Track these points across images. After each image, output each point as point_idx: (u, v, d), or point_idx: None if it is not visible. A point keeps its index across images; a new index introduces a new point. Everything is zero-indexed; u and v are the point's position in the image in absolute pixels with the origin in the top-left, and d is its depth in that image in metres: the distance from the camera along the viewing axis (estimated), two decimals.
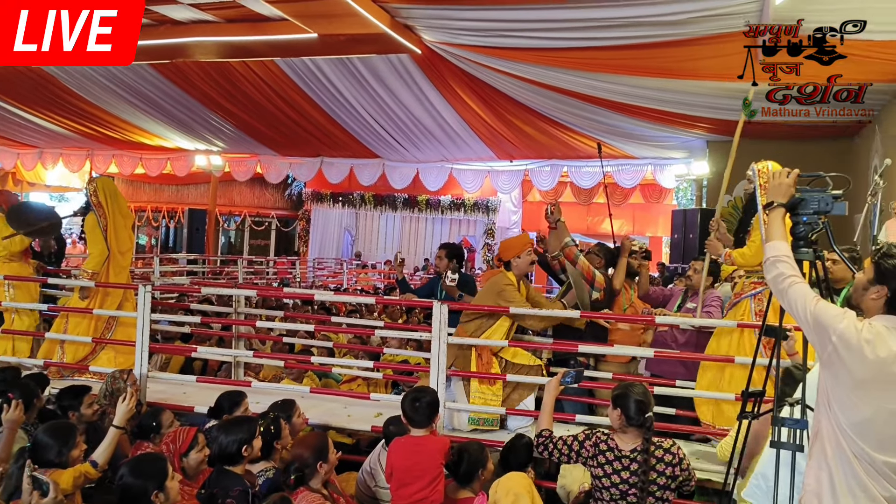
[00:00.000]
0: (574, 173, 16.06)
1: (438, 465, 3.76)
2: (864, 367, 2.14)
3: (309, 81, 12.31)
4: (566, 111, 12.47)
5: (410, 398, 3.90)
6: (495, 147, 15.20)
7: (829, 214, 2.67)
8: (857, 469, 2.16)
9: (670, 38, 9.04)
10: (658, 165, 15.34)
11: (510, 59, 10.36)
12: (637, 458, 3.23)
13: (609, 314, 4.80)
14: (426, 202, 18.56)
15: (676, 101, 11.21)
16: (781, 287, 2.41)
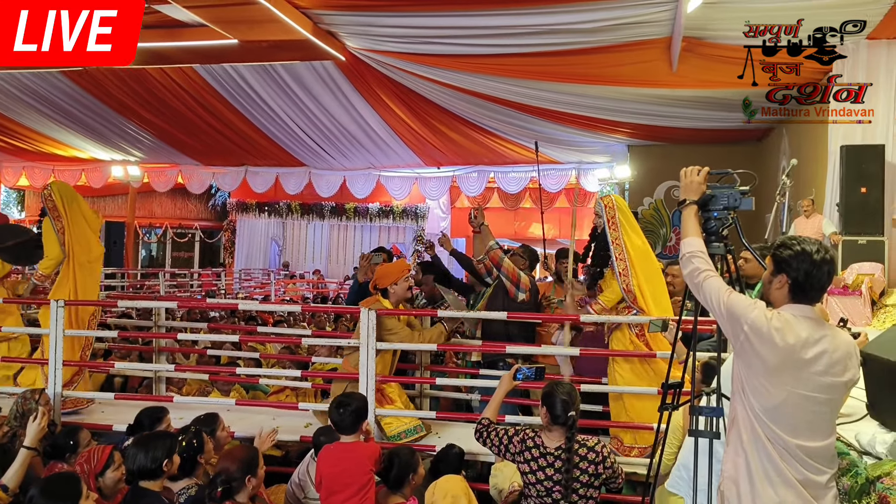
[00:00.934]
0: (501, 179, 16.25)
1: (368, 471, 3.72)
2: (775, 353, 2.23)
3: (230, 89, 12.05)
4: (491, 117, 12.62)
5: (336, 404, 3.85)
6: (422, 154, 15.24)
7: (738, 209, 2.77)
8: (771, 453, 2.24)
9: (591, 46, 9.27)
10: (582, 170, 15.69)
11: (434, 66, 10.42)
12: (561, 455, 3.27)
13: (534, 315, 4.85)
14: (354, 210, 18.43)
15: (599, 107, 11.50)
16: (697, 281, 2.49)
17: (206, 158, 16.93)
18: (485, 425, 3.58)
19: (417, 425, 4.68)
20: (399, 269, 4.93)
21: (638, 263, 4.42)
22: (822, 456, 2.23)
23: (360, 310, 4.66)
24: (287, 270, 18.92)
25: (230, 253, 19.77)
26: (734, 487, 2.32)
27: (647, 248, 4.58)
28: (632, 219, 4.59)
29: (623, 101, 11.02)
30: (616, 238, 4.43)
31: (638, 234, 4.57)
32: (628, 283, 4.38)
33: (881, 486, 2.16)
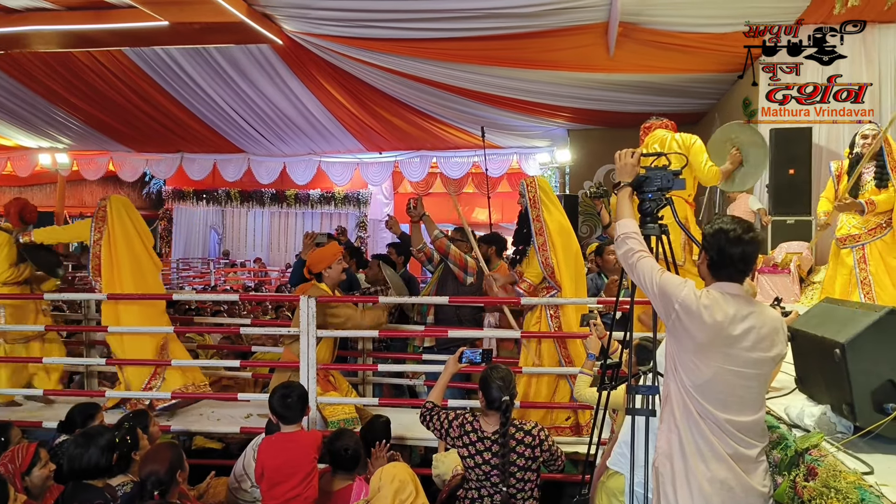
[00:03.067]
0: (443, 164, 16.22)
1: (311, 460, 3.68)
2: (704, 330, 2.28)
3: (163, 73, 11.65)
4: (433, 102, 12.56)
5: (280, 395, 3.79)
6: (364, 139, 15.08)
7: (671, 190, 2.81)
8: (703, 428, 2.29)
9: (529, 30, 9.29)
10: (523, 154, 15.78)
11: (374, 50, 10.29)
12: (498, 440, 3.30)
13: (477, 298, 4.87)
14: (295, 196, 18.12)
15: (538, 91, 11.55)
16: (630, 262, 2.53)
17: (138, 145, 16.37)
18: (429, 409, 3.59)
19: (354, 417, 4.66)
20: (332, 252, 4.92)
21: (557, 239, 4.59)
22: (751, 430, 2.29)
23: (300, 298, 4.60)
24: (227, 259, 18.52)
25: (167, 242, 19.22)
26: (668, 463, 2.37)
27: (568, 228, 4.75)
28: (554, 199, 4.78)
29: (562, 85, 11.09)
30: (537, 215, 4.61)
31: (561, 213, 4.70)
32: (547, 257, 4.55)
33: (809, 457, 2.24)
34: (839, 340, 2.31)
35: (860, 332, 2.28)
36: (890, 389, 2.26)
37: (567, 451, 3.85)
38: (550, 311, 4.63)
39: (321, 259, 4.87)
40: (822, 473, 2.06)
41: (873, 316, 2.32)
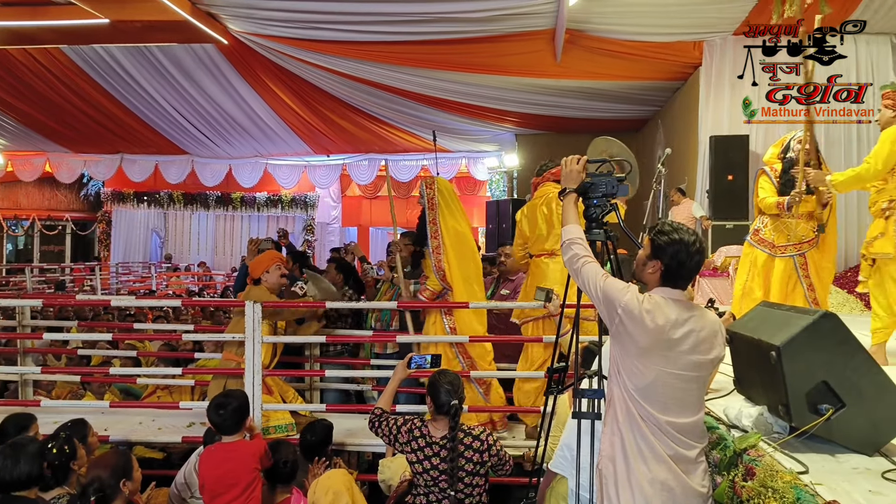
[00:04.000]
0: (392, 167, 16.19)
1: (253, 470, 3.61)
2: (646, 335, 2.31)
3: (102, 71, 11.32)
4: (381, 105, 12.52)
5: (215, 405, 3.70)
6: (311, 142, 14.94)
7: (615, 196, 2.85)
8: (644, 431, 2.33)
9: (477, 35, 9.36)
10: (472, 158, 15.87)
11: (321, 52, 10.20)
12: (446, 445, 3.29)
13: (422, 302, 4.84)
14: (241, 199, 17.80)
15: (486, 96, 11.64)
16: (576, 267, 2.55)
17: (76, 146, 15.89)
18: (377, 415, 3.55)
19: (290, 423, 4.60)
20: (270, 257, 4.89)
21: (451, 244, 4.63)
22: (691, 431, 2.34)
23: (245, 303, 4.52)
24: (169, 263, 18.07)
25: (105, 246, 18.64)
26: (611, 465, 2.40)
27: (465, 232, 4.78)
28: (453, 203, 4.77)
29: (510, 90, 11.21)
30: (433, 218, 4.66)
31: (457, 218, 4.75)
32: (439, 260, 4.60)
33: (747, 458, 2.29)
34: (775, 343, 2.38)
35: (795, 335, 2.35)
36: (824, 391, 2.34)
37: (515, 455, 3.87)
38: (445, 315, 4.66)
39: (259, 263, 4.83)
40: (760, 473, 2.11)
41: (807, 319, 2.40)
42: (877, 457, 2.29)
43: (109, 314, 8.11)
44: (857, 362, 2.36)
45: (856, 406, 2.31)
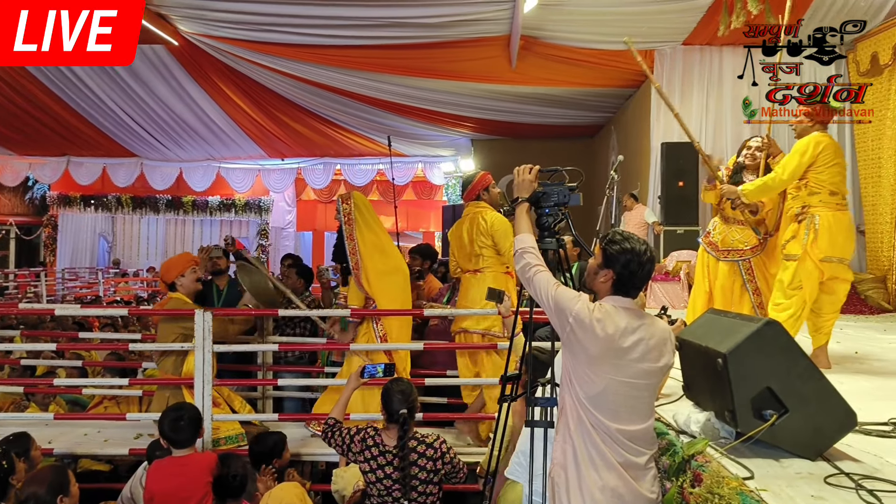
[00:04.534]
0: (348, 171, 16.09)
1: (205, 484, 3.53)
2: (596, 343, 2.33)
3: (47, 72, 10.97)
4: (337, 109, 12.44)
5: (171, 418, 3.61)
6: (265, 145, 14.76)
7: (568, 205, 2.88)
8: (595, 439, 2.35)
9: (433, 40, 9.37)
10: (428, 163, 15.87)
11: (275, 55, 10.09)
12: (398, 453, 3.28)
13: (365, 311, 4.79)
14: (192, 203, 17.44)
15: (442, 101, 11.66)
16: (528, 276, 2.56)
17: (21, 148, 15.40)
18: (330, 425, 3.51)
19: (240, 433, 4.52)
20: (183, 260, 4.73)
21: (368, 257, 4.60)
22: (641, 438, 2.37)
23: (195, 311, 4.42)
24: (118, 269, 17.61)
25: (52, 251, 18.08)
26: (563, 473, 2.41)
27: (382, 244, 4.75)
28: (370, 216, 4.74)
29: (465, 95, 11.25)
30: (350, 233, 4.63)
31: (376, 231, 4.73)
32: (358, 276, 4.58)
33: (695, 463, 2.33)
34: (721, 350, 2.43)
35: (740, 343, 2.40)
36: (768, 396, 2.39)
37: (469, 462, 3.87)
38: (376, 323, 4.64)
39: (172, 267, 4.65)
40: (707, 480, 2.15)
41: (752, 326, 2.45)
42: (819, 461, 2.35)
43: (55, 321, 7.86)
44: (799, 369, 2.42)
45: (799, 411, 2.37)
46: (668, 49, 9.36)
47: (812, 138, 4.33)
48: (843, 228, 4.25)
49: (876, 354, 5.04)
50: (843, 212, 4.29)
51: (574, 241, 4.24)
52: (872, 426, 2.78)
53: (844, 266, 4.30)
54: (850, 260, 4.38)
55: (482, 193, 4.80)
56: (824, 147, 4.25)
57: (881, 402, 3.39)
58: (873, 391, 3.73)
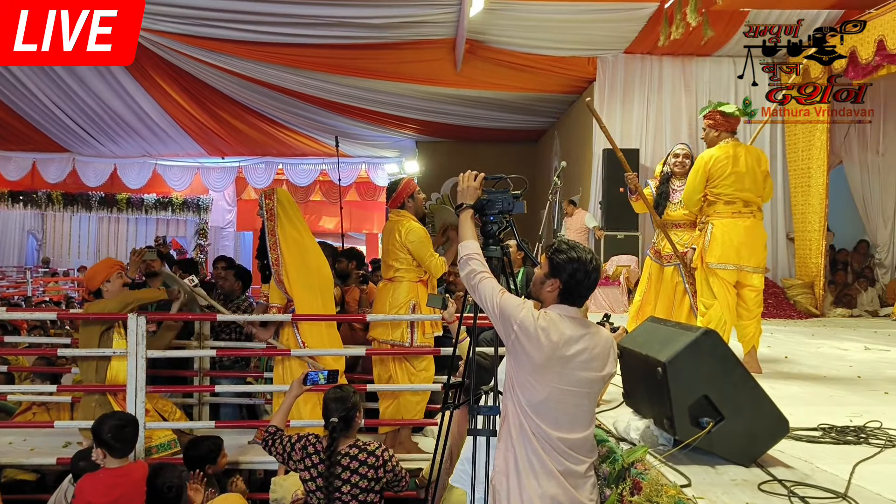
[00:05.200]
0: (290, 171, 15.86)
1: (143, 493, 3.41)
2: (541, 351, 2.34)
3: None
4: (279, 108, 12.25)
5: (114, 425, 3.46)
6: (204, 142, 14.42)
7: (512, 213, 2.88)
8: (536, 447, 2.36)
9: (379, 41, 9.33)
10: (372, 164, 15.78)
11: (215, 51, 9.87)
12: (341, 460, 3.23)
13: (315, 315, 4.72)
14: (127, 201, 16.88)
15: (387, 103, 11.61)
16: (473, 283, 2.55)
17: None
18: (271, 433, 3.44)
19: (172, 440, 4.39)
20: (107, 266, 4.61)
21: (290, 255, 4.54)
22: (582, 447, 2.39)
23: (128, 316, 4.27)
24: (47, 268, 16.92)
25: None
26: (504, 480, 2.42)
27: (306, 243, 4.69)
28: (293, 213, 4.67)
29: (410, 97, 11.24)
30: (272, 229, 4.56)
31: (298, 228, 4.66)
32: (278, 272, 4.52)
33: (635, 471, 2.36)
34: (661, 359, 2.46)
35: (679, 352, 2.44)
36: (705, 404, 2.44)
37: (411, 469, 3.84)
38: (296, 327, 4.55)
39: (96, 274, 4.53)
40: (646, 488, 2.18)
41: (690, 336, 2.50)
42: (753, 468, 2.40)
43: None
44: (735, 377, 2.48)
45: (734, 419, 2.42)
46: (610, 56, 9.53)
47: (701, 158, 4.51)
48: (739, 236, 4.37)
49: (804, 359, 5.23)
50: (741, 219, 4.41)
51: (518, 247, 4.27)
52: (803, 431, 2.86)
53: (748, 273, 4.42)
54: (758, 268, 4.46)
55: (407, 201, 4.78)
56: (714, 161, 4.40)
57: (811, 406, 3.52)
58: (803, 396, 3.86)
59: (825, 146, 8.54)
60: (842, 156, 9.57)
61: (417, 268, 4.63)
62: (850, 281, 9.53)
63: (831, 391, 4.00)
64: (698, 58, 9.50)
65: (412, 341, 4.60)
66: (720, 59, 9.47)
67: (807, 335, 6.83)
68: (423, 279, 4.68)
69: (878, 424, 2.97)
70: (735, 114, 4.52)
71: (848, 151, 9.62)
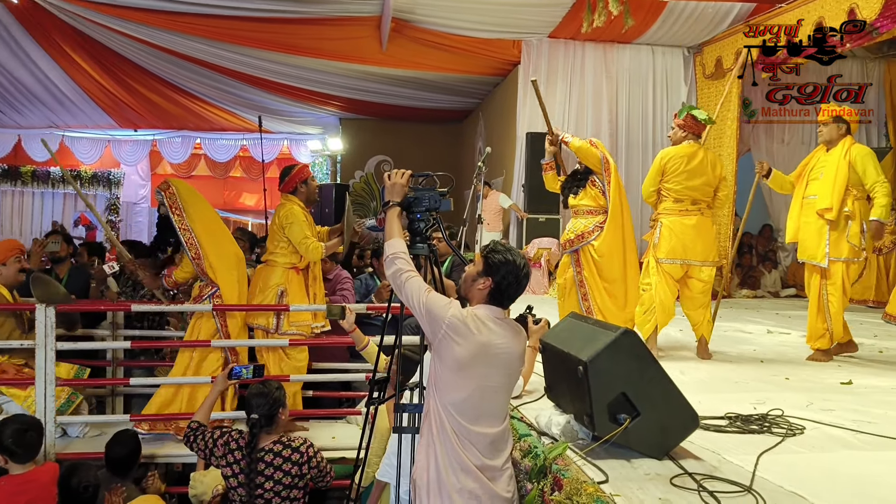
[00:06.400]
0: (209, 146, 15.34)
1: (54, 496, 3.29)
2: (468, 349, 2.39)
3: None
4: (196, 81, 11.82)
5: (15, 430, 3.30)
6: (115, 114, 13.76)
7: (439, 211, 2.89)
8: (454, 443, 2.42)
9: (301, 16, 9.10)
10: (294, 140, 15.44)
11: (128, 20, 9.41)
12: (264, 457, 3.21)
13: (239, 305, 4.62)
14: (32, 174, 15.94)
15: (309, 79, 11.38)
16: (399, 282, 2.56)
17: None
18: (193, 429, 3.39)
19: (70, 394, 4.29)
20: (6, 248, 4.45)
21: (208, 245, 4.50)
22: (498, 440, 2.49)
23: (36, 306, 4.07)
24: None
25: None
26: (424, 475, 2.47)
27: (215, 229, 4.66)
28: (197, 201, 4.62)
29: (334, 74, 11.05)
30: (182, 223, 4.48)
31: (205, 213, 4.63)
32: (201, 265, 4.47)
33: (556, 467, 2.43)
34: (582, 358, 2.54)
35: (600, 351, 2.52)
36: (622, 401, 2.54)
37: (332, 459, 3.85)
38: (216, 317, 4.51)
39: None
40: (567, 486, 2.25)
41: (611, 335, 2.58)
42: (666, 460, 2.52)
43: None
44: (650, 374, 2.58)
45: (649, 415, 2.53)
46: (535, 40, 9.61)
47: (660, 154, 4.75)
48: (686, 232, 4.65)
49: (712, 343, 5.48)
50: (688, 217, 4.68)
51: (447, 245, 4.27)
52: (711, 421, 3.02)
53: (695, 267, 4.71)
54: (706, 261, 4.73)
55: (299, 186, 4.78)
56: (670, 158, 4.67)
57: (718, 393, 3.71)
58: (710, 382, 4.06)
59: (735, 135, 8.92)
60: (749, 144, 10.01)
61: (293, 253, 4.66)
62: (755, 263, 10.03)
63: (737, 376, 4.23)
64: (619, 45, 9.70)
65: (277, 327, 4.63)
66: (639, 46, 9.70)
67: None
68: (296, 266, 4.71)
69: (780, 412, 3.17)
70: (703, 120, 4.77)
71: (755, 140, 10.08)
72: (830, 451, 2.75)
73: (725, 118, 9.04)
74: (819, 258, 4.68)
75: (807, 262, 4.83)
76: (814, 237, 4.73)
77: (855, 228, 4.62)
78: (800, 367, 4.56)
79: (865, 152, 4.71)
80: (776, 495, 2.21)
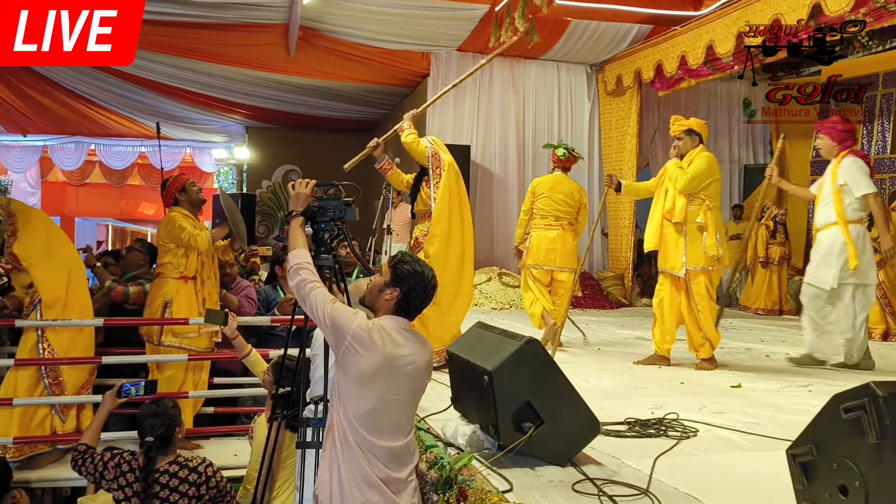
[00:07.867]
0: (104, 152, 14.64)
1: None
2: (373, 361, 2.36)
3: None
4: (91, 85, 11.27)
5: None
6: (3, 118, 12.93)
7: (344, 220, 2.85)
8: (358, 457, 2.38)
9: (205, 21, 8.84)
10: (197, 148, 14.97)
11: None
12: (160, 479, 3.06)
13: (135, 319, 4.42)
14: None
15: (213, 86, 11.07)
16: (303, 293, 2.51)
17: None
18: (80, 452, 3.18)
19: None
20: None
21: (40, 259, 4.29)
22: (403, 453, 2.46)
23: None
24: None
25: None
26: (327, 490, 2.42)
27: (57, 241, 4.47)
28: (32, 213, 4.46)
29: (240, 82, 10.80)
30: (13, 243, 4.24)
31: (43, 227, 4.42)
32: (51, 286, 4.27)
33: (462, 478, 2.43)
34: (487, 368, 2.56)
35: (504, 361, 2.54)
36: (527, 410, 2.57)
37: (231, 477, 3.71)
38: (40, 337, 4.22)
39: None
40: (472, 496, 2.26)
41: (515, 345, 2.61)
42: (569, 467, 2.57)
43: None
44: (554, 383, 2.63)
45: (552, 423, 2.57)
46: (444, 53, 9.70)
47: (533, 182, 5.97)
48: (549, 243, 5.69)
49: (614, 350, 5.68)
50: (551, 231, 5.72)
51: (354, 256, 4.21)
52: (611, 426, 3.10)
53: (557, 272, 5.75)
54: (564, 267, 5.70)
55: (179, 196, 4.66)
56: (538, 184, 5.84)
57: (618, 399, 3.82)
58: (611, 389, 4.18)
59: (635, 149, 9.30)
60: (648, 158, 10.44)
61: (182, 258, 4.55)
62: (654, 273, 10.43)
63: (636, 382, 4.37)
64: (525, 60, 9.94)
65: (159, 340, 4.52)
66: (545, 62, 9.97)
67: (617, 325, 7.42)
68: (185, 275, 4.58)
69: (675, 416, 3.30)
70: (560, 156, 5.83)
71: (653, 155, 10.52)
72: (721, 452, 2.87)
73: (626, 133, 9.41)
74: (678, 268, 4.79)
75: (667, 271, 4.90)
76: (671, 247, 4.83)
77: (711, 239, 4.69)
78: (695, 371, 4.76)
79: (706, 156, 4.79)
80: (671, 497, 2.29)
